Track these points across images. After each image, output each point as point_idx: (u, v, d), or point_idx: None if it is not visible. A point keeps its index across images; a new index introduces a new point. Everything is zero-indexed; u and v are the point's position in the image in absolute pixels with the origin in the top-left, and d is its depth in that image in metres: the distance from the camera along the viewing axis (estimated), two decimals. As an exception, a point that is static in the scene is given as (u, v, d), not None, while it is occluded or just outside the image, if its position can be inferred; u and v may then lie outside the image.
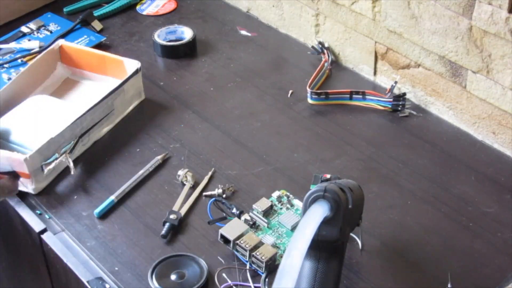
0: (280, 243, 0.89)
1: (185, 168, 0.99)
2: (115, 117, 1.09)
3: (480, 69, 0.99)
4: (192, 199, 0.95)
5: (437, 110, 1.10)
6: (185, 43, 1.24)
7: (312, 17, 1.21)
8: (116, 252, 0.90)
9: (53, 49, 1.15)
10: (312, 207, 0.73)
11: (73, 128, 1.01)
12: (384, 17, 1.09)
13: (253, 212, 0.92)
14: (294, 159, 1.03)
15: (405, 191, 0.97)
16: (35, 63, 1.13)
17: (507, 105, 0.98)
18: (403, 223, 0.93)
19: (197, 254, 0.88)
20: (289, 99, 1.14)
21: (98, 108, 1.04)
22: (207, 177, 0.99)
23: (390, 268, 0.87)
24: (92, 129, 1.04)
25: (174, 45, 1.24)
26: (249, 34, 1.29)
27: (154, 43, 1.24)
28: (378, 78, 1.17)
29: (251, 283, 0.84)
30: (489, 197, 0.96)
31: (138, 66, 1.10)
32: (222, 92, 1.16)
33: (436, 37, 1.03)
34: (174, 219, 0.92)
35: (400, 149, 1.04)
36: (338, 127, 1.08)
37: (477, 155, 1.03)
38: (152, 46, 1.25)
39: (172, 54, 1.23)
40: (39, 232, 0.93)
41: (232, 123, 1.10)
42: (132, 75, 1.09)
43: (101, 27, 1.30)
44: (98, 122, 1.05)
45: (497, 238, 0.90)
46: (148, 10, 1.35)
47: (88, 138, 1.04)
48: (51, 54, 1.15)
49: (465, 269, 0.86)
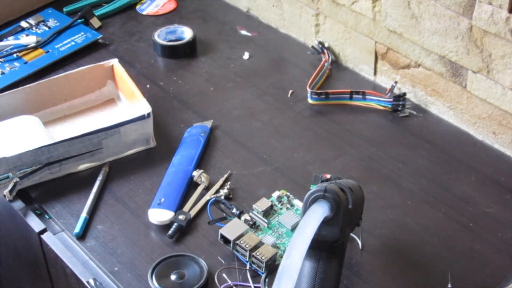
0: (280, 243, 0.89)
1: (200, 169, 0.99)
2: (104, 156, 1.01)
3: (480, 69, 0.99)
4: (204, 201, 0.95)
5: (437, 110, 1.10)
6: (185, 43, 1.24)
7: (312, 17, 1.21)
8: (116, 252, 0.90)
9: (105, 66, 1.11)
10: (312, 207, 0.73)
11: (35, 154, 0.95)
12: (384, 17, 1.09)
13: (253, 212, 0.92)
14: (294, 159, 1.03)
15: (405, 191, 0.97)
16: (80, 72, 1.09)
17: (507, 105, 0.98)
18: (403, 223, 0.93)
19: (197, 254, 0.88)
20: (289, 99, 1.14)
21: (76, 143, 0.97)
22: (222, 179, 0.99)
23: (390, 268, 0.87)
24: (65, 161, 0.98)
25: (174, 45, 1.24)
26: (249, 34, 1.29)
27: (154, 43, 1.24)
28: (378, 78, 1.17)
29: (251, 283, 0.84)
30: (489, 197, 0.96)
31: (146, 112, 1.01)
32: (222, 92, 1.16)
33: (436, 37, 1.03)
34: (183, 219, 0.92)
35: (400, 149, 1.04)
36: (338, 127, 1.08)
37: (477, 155, 1.03)
38: (152, 46, 1.25)
39: (172, 54, 1.23)
40: (39, 232, 0.93)
41: (232, 123, 1.10)
42: (133, 120, 1.00)
43: (99, 24, 1.30)
44: (76, 156, 0.99)
45: (497, 238, 0.90)
46: (148, 10, 1.35)
47: (60, 169, 0.99)
48: (102, 69, 1.11)
49: (465, 269, 0.86)
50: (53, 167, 0.98)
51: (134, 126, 1.00)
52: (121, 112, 1.09)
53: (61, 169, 0.99)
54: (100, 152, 1.00)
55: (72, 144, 0.97)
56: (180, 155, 1.01)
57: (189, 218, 0.92)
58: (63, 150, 0.97)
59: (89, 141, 0.98)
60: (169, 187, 0.96)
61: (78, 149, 0.98)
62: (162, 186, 0.97)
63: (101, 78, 1.12)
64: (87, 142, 0.98)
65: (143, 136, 1.02)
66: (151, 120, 1.02)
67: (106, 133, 0.99)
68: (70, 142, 0.97)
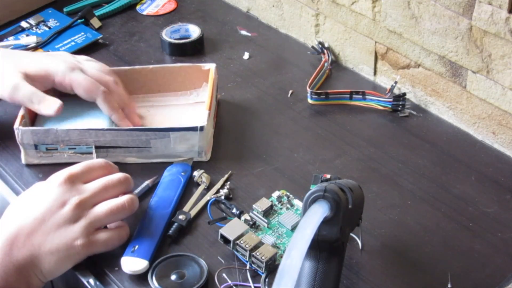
0: (280, 243, 0.89)
1: (200, 169, 0.99)
2: (152, 156, 1.00)
3: (480, 69, 0.99)
4: (204, 201, 0.95)
5: (437, 110, 1.10)
6: (194, 40, 1.24)
7: (312, 17, 1.21)
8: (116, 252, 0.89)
9: (206, 68, 1.09)
10: (312, 207, 0.73)
11: (82, 134, 0.98)
12: (384, 17, 1.09)
13: (253, 212, 0.92)
14: (294, 159, 1.03)
15: (405, 191, 0.97)
16: (183, 68, 1.10)
17: (507, 105, 0.98)
18: (403, 223, 0.93)
19: (197, 254, 0.88)
20: (289, 99, 1.14)
21: (124, 134, 0.98)
22: (222, 179, 0.99)
23: (390, 268, 0.87)
24: (112, 149, 0.99)
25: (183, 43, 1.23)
26: (249, 34, 1.29)
27: (161, 41, 1.24)
28: (378, 78, 1.17)
29: (251, 283, 0.84)
30: (489, 197, 0.96)
31: (200, 125, 0.97)
32: (222, 92, 1.15)
33: (436, 37, 1.03)
34: (183, 219, 0.92)
35: (400, 149, 1.04)
36: (338, 127, 1.08)
37: (477, 155, 1.03)
38: (152, 46, 1.25)
39: (179, 52, 1.23)
40: (39, 232, 0.93)
41: (232, 123, 1.09)
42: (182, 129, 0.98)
43: (99, 24, 1.30)
44: (123, 148, 0.99)
45: (497, 238, 0.90)
46: (148, 10, 1.35)
47: (106, 155, 1.00)
48: (200, 71, 1.10)
49: (465, 269, 0.86)
50: (100, 151, 1.00)
51: (185, 136, 0.98)
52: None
53: (108, 156, 1.00)
54: (148, 150, 1.00)
55: (120, 135, 0.98)
56: (157, 197, 0.94)
57: (189, 218, 0.92)
58: (111, 138, 0.98)
59: (137, 137, 0.98)
60: (144, 233, 0.89)
61: (126, 141, 0.99)
62: (138, 231, 0.89)
63: (198, 79, 1.11)
64: (135, 137, 0.98)
65: (194, 148, 1.00)
66: (205, 134, 0.99)
67: (155, 134, 0.98)
68: (117, 132, 0.98)
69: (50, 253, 0.82)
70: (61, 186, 0.85)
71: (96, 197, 0.86)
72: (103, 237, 0.86)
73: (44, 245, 0.82)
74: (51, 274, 0.83)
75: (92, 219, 0.85)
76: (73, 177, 0.86)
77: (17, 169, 1.01)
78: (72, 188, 0.85)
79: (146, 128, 0.99)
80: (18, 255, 0.80)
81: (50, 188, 0.85)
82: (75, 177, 0.86)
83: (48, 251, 0.82)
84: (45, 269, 0.82)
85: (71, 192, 0.85)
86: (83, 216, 0.84)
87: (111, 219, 0.87)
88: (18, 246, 0.81)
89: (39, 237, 0.82)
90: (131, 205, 0.88)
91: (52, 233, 0.82)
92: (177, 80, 1.11)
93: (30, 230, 0.82)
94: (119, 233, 0.87)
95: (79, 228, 0.83)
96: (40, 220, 0.82)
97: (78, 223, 0.84)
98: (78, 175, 0.87)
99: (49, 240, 0.82)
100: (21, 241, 0.81)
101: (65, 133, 0.98)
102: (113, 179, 0.89)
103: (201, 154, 1.01)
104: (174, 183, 0.96)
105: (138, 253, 0.86)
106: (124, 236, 0.88)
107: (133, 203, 0.88)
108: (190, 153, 1.00)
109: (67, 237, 0.83)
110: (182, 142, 0.99)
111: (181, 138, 0.99)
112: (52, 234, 0.82)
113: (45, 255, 0.82)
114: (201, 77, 1.11)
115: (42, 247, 0.82)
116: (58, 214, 0.83)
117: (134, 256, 0.86)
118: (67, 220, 0.83)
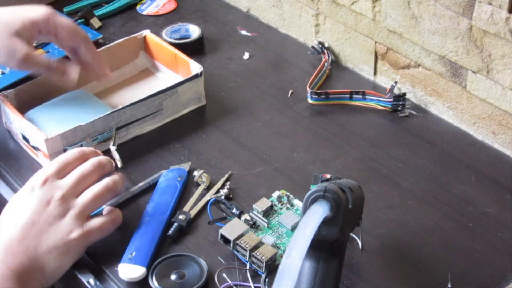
0: (280, 243, 0.89)
1: (200, 169, 0.99)
2: (164, 117, 1.07)
3: (480, 69, 0.99)
4: (204, 201, 0.95)
5: (437, 110, 1.10)
6: (194, 40, 1.24)
7: (312, 17, 1.21)
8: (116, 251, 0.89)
9: (138, 38, 1.16)
10: (312, 207, 0.73)
11: (107, 120, 1.00)
12: (384, 17, 1.09)
13: (253, 212, 0.92)
14: (294, 159, 1.03)
15: (405, 191, 0.97)
16: (115, 46, 1.14)
17: (507, 105, 0.98)
18: (403, 223, 0.93)
19: (197, 254, 0.88)
20: (289, 99, 1.14)
21: (141, 105, 1.03)
22: (222, 179, 0.99)
23: (390, 268, 0.87)
24: (132, 124, 1.04)
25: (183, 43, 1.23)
26: (249, 34, 1.29)
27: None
28: (378, 78, 1.17)
29: (251, 283, 0.84)
30: (489, 197, 0.96)
31: (199, 71, 1.08)
32: (222, 92, 1.16)
33: (436, 37, 1.03)
34: (183, 219, 0.92)
35: (400, 149, 1.04)
36: (338, 127, 1.08)
37: (477, 155, 1.03)
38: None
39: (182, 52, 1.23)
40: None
41: (232, 123, 1.10)
42: (189, 79, 1.08)
43: (99, 24, 1.30)
44: (141, 119, 1.04)
45: (497, 238, 0.90)
46: (148, 10, 1.35)
47: (127, 132, 1.04)
48: (134, 41, 1.16)
49: (465, 269, 0.86)
50: (120, 132, 1.03)
51: (189, 85, 1.08)
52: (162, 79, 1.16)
53: (128, 133, 1.04)
54: (160, 113, 1.06)
55: (138, 107, 1.03)
56: (154, 203, 0.93)
57: (189, 218, 0.92)
58: (130, 114, 1.03)
59: (152, 103, 1.05)
60: (141, 239, 0.88)
61: (143, 112, 1.04)
62: (135, 237, 0.89)
63: (134, 50, 1.17)
64: (150, 104, 1.04)
65: (196, 95, 1.10)
66: (203, 78, 1.09)
67: (166, 94, 1.05)
68: (136, 105, 1.03)
69: (48, 252, 0.82)
70: (40, 188, 0.85)
71: (77, 187, 0.86)
72: (97, 223, 0.86)
73: (40, 246, 0.81)
74: (53, 276, 0.83)
75: (81, 208, 0.85)
76: (49, 177, 0.86)
77: (17, 169, 1.01)
78: (52, 187, 0.85)
79: (158, 92, 1.05)
80: (15, 261, 0.80)
81: (31, 194, 0.85)
82: (51, 176, 0.86)
83: (45, 251, 0.82)
84: (46, 270, 0.82)
85: (52, 190, 0.84)
86: (71, 207, 0.84)
87: (99, 203, 0.87)
88: (13, 253, 0.80)
89: (33, 240, 0.81)
90: (114, 184, 0.88)
91: (45, 232, 0.82)
92: (117, 58, 1.15)
93: (23, 236, 0.81)
94: (111, 217, 0.88)
95: (70, 219, 0.83)
96: (30, 224, 0.82)
97: (68, 216, 0.84)
98: (53, 173, 0.86)
99: (44, 240, 0.82)
100: (15, 247, 0.80)
101: (90, 125, 0.99)
102: (87, 166, 0.88)
103: (201, 99, 1.11)
104: (170, 189, 0.96)
105: (135, 259, 0.85)
106: (117, 220, 0.88)
107: (116, 182, 0.88)
108: (193, 101, 1.10)
109: (61, 232, 0.83)
110: (187, 93, 1.08)
111: (186, 89, 1.07)
112: (46, 234, 0.82)
113: (44, 256, 0.81)
114: (137, 47, 1.17)
115: (39, 248, 0.81)
116: (46, 213, 0.83)
117: (131, 263, 0.85)
118: (56, 216, 0.83)
